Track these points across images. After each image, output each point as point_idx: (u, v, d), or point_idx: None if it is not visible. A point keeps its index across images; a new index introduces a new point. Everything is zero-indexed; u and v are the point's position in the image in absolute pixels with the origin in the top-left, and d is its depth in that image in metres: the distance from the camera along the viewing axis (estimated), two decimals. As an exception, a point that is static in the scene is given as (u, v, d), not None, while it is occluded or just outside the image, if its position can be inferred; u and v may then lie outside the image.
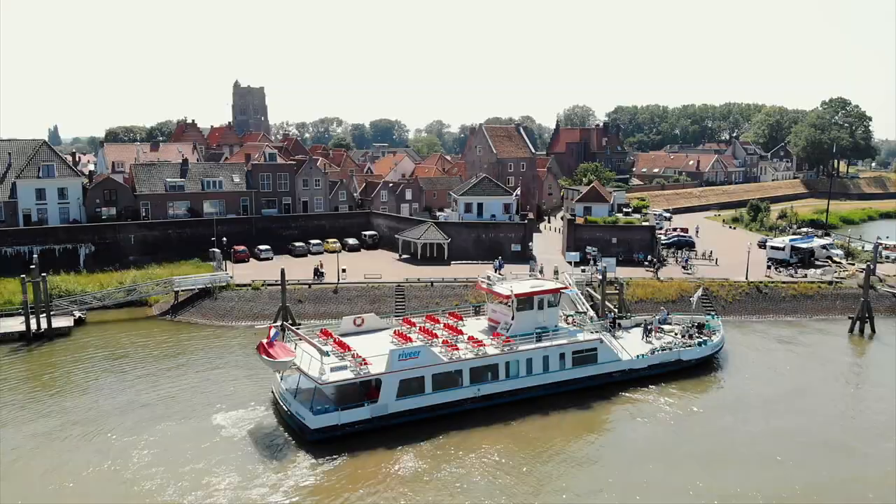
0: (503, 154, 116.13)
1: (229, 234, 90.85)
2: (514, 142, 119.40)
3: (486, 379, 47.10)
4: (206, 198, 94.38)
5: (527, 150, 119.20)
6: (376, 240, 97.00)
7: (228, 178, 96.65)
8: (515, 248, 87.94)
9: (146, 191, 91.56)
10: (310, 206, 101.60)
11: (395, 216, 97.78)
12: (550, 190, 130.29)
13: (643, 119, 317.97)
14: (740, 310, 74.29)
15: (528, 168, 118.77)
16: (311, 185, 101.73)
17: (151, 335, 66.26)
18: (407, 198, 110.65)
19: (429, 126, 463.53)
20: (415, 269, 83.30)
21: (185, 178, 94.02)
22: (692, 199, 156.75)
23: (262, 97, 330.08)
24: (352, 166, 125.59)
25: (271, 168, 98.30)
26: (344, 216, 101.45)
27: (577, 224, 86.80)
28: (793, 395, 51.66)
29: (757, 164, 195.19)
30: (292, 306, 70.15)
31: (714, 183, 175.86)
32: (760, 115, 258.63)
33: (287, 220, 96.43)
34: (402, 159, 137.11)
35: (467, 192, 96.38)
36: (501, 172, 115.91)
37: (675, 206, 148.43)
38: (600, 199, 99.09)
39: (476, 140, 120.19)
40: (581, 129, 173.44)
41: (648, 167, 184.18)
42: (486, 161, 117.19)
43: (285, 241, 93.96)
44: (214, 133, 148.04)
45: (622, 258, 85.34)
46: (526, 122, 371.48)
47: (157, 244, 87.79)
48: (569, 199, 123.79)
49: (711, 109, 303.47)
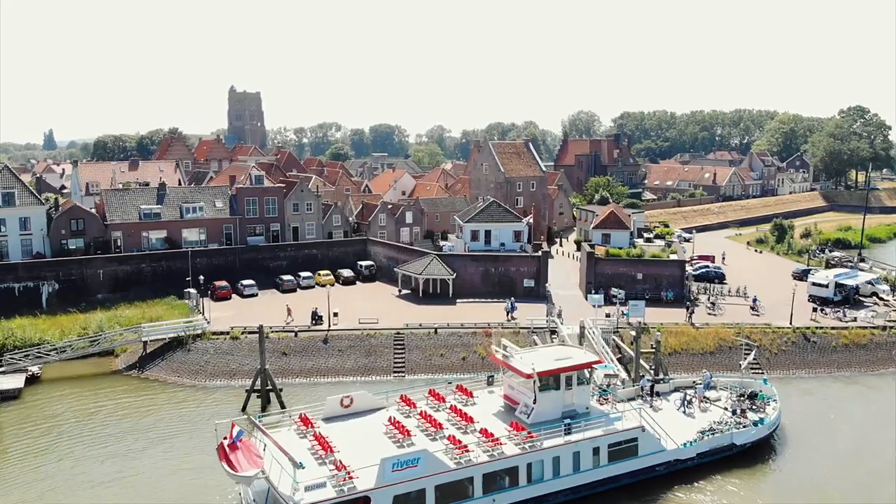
0: (512, 173, 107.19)
1: (210, 267, 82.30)
2: (522, 159, 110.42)
3: (502, 486, 38.05)
4: (186, 226, 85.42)
5: (537, 168, 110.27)
6: (373, 271, 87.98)
7: (210, 204, 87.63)
8: (528, 283, 78.90)
9: (118, 219, 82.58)
10: (301, 232, 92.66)
11: (394, 245, 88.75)
12: (561, 209, 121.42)
13: (650, 125, 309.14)
14: (787, 362, 65.27)
15: (539, 188, 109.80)
16: (303, 210, 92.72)
17: (112, 397, 57.30)
18: (407, 221, 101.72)
19: (430, 131, 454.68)
20: (416, 309, 74.25)
21: (161, 205, 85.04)
22: (710, 217, 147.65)
23: (259, 102, 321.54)
24: (348, 185, 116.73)
25: (258, 192, 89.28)
26: (338, 244, 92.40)
27: (597, 258, 77.74)
28: (878, 482, 42.81)
29: (774, 177, 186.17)
30: (276, 361, 61.29)
31: (731, 197, 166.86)
32: (774, 122, 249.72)
33: (275, 250, 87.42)
34: (402, 176, 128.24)
35: (474, 218, 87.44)
36: (509, 193, 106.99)
37: (692, 225, 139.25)
38: (620, 225, 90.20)
39: (482, 157, 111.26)
40: (591, 141, 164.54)
41: (661, 179, 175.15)
42: (492, 180, 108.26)
43: (273, 274, 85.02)
44: (202, 146, 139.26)
45: (649, 296, 76.36)
46: (529, 128, 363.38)
47: (128, 280, 78.92)
48: (582, 221, 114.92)
49: (721, 116, 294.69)
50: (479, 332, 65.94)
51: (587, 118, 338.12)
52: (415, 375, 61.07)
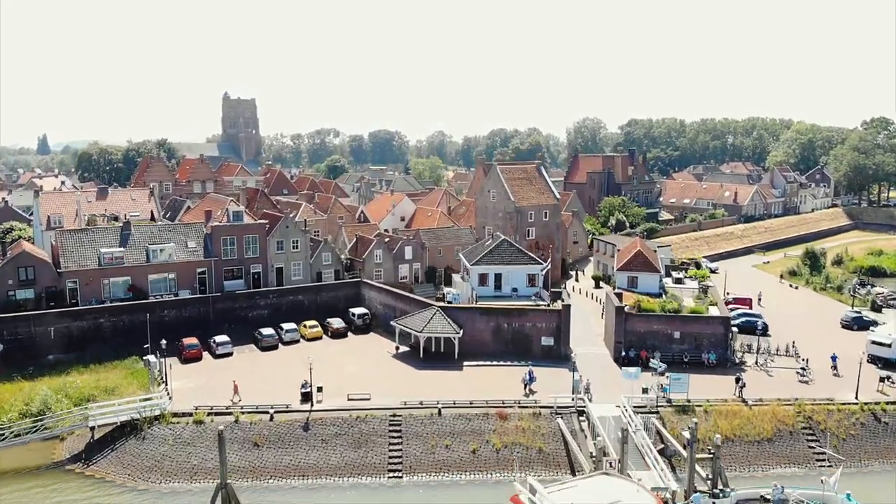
0: (522, 201, 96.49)
1: (179, 319, 71.91)
2: (534, 185, 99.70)
3: None
4: (153, 271, 74.73)
5: (549, 195, 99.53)
6: (368, 321, 77.31)
7: (182, 245, 76.93)
8: (547, 342, 68.14)
9: (74, 266, 71.87)
10: (286, 273, 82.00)
11: (391, 290, 77.89)
12: (576, 237, 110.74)
13: (659, 134, 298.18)
14: (857, 450, 54.71)
15: (552, 217, 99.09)
16: (288, 248, 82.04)
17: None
18: (406, 257, 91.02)
19: (430, 137, 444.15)
20: (416, 376, 63.54)
21: (125, 247, 74.32)
22: (734, 241, 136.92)
23: (254, 109, 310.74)
24: (341, 212, 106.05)
25: (236, 230, 78.57)
26: (328, 287, 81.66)
27: (627, 313, 66.96)
28: None
29: (797, 193, 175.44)
30: (246, 455, 50.71)
31: (753, 217, 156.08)
32: (791, 132, 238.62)
33: (255, 298, 76.68)
34: (401, 200, 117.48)
35: (482, 259, 76.75)
36: (520, 223, 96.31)
37: (716, 251, 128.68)
38: (648, 266, 79.53)
39: (489, 183, 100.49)
40: (603, 157, 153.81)
41: (678, 197, 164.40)
42: (501, 209, 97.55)
43: (253, 325, 74.40)
44: (184, 167, 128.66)
45: (688, 359, 65.81)
46: (533, 135, 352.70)
47: (84, 337, 68.35)
48: (600, 252, 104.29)
49: (733, 124, 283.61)
50: (491, 414, 55.22)
51: (593, 125, 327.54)
52: (414, 476, 50.34)
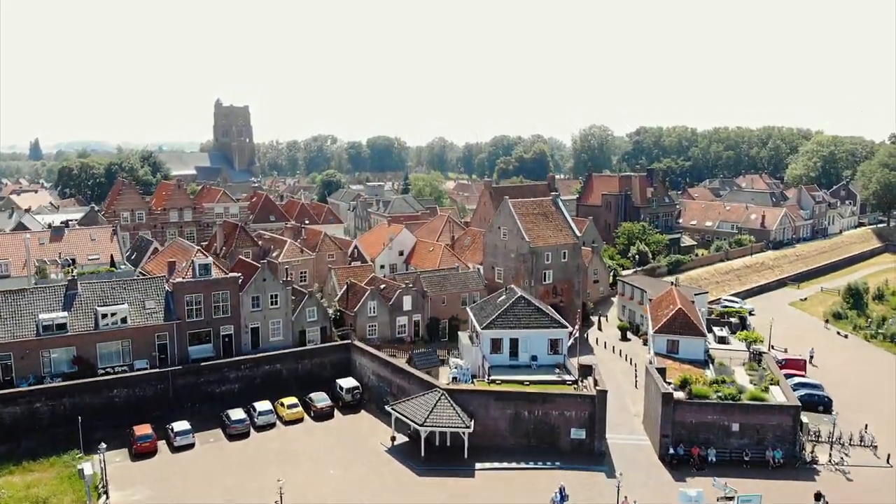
0: (538, 241, 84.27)
1: (132, 399, 60.09)
2: (551, 222, 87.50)
3: None
4: (103, 339, 62.56)
5: (568, 233, 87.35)
6: (359, 396, 65.15)
7: (138, 305, 64.74)
8: (577, 434, 55.94)
9: (6, 336, 59.68)
10: (263, 334, 69.85)
11: (386, 360, 65.40)
12: (596, 275, 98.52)
13: (670, 143, 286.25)
14: None
15: (571, 257, 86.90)
16: (265, 305, 69.85)
17: None
18: (405, 308, 78.93)
19: (430, 143, 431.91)
20: (414, 486, 51.29)
21: (69, 311, 62.18)
22: (765, 273, 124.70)
23: (247, 117, 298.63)
24: (331, 249, 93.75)
25: (202, 287, 66.35)
26: (312, 353, 69.29)
27: (675, 401, 54.75)
28: None
29: (825, 213, 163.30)
30: None
31: (781, 242, 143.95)
32: (810, 144, 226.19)
33: (223, 370, 64.35)
34: (400, 232, 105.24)
35: (496, 321, 64.61)
36: (535, 266, 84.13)
37: (748, 287, 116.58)
38: (691, 329, 67.33)
39: (500, 219, 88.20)
40: (620, 178, 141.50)
41: (699, 219, 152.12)
42: (513, 249, 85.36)
43: (221, 403, 62.30)
44: (161, 192, 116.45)
45: (748, 457, 53.74)
46: (537, 143, 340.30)
47: (17, 426, 56.54)
48: (625, 297, 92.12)
49: (747, 134, 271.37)
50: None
51: (600, 133, 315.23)
52: None
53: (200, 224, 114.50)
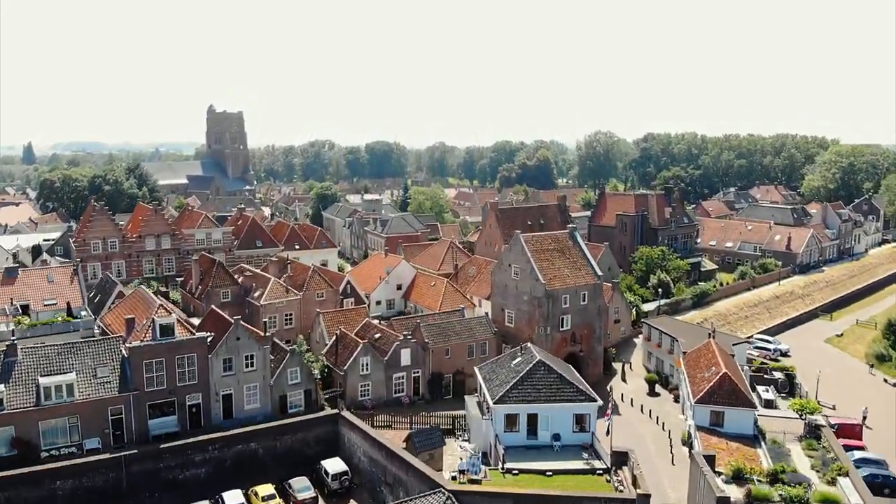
0: (555, 282, 74.27)
1: (79, 493, 50.18)
2: (568, 259, 77.49)
3: None
4: (47, 416, 52.62)
5: (588, 271, 77.35)
6: (347, 483, 55.16)
7: (88, 374, 54.80)
8: (611, 546, 45.99)
9: (-79, 417, 49.82)
10: (237, 402, 59.92)
11: (381, 443, 55.14)
12: (617, 313, 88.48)
13: (679, 150, 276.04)
14: None
15: (592, 299, 76.93)
16: (239, 367, 59.90)
17: None
18: (403, 363, 68.94)
19: (430, 148, 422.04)
20: None
21: (6, 384, 52.16)
22: (795, 303, 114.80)
23: (241, 123, 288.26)
24: (321, 287, 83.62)
25: (164, 350, 56.39)
26: (293, 428, 59.00)
27: None
28: None
29: (851, 232, 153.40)
30: None
31: (808, 265, 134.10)
32: (828, 154, 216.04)
33: (187, 452, 54.27)
34: (398, 264, 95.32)
35: (510, 393, 54.72)
36: (551, 311, 74.13)
37: (778, 321, 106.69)
38: (737, 398, 57.49)
39: (510, 256, 78.06)
40: (636, 196, 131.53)
41: (718, 240, 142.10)
42: (526, 291, 75.35)
43: (185, 492, 52.37)
44: (137, 217, 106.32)
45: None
46: (541, 150, 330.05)
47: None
48: (651, 342, 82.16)
49: (760, 142, 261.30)
50: None
51: (606, 140, 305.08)
52: None
53: (180, 252, 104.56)
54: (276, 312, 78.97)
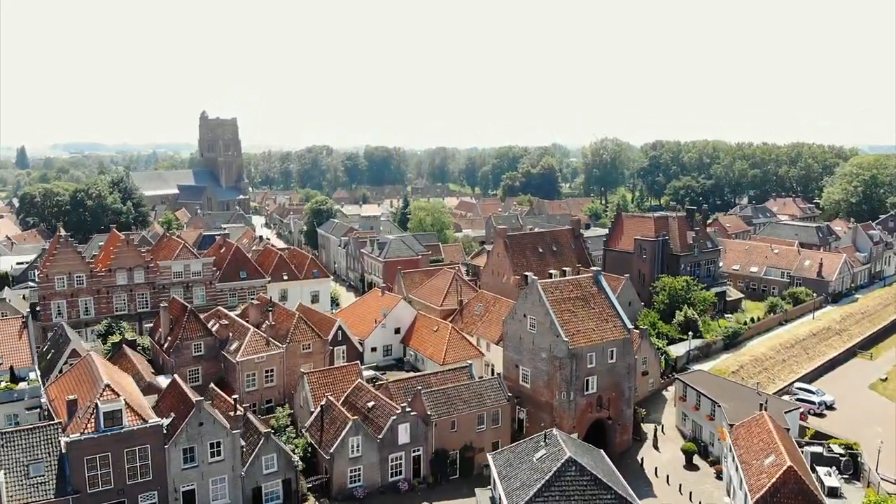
0: (579, 338, 63.86)
1: None
2: (593, 309, 67.10)
3: None
4: (-47, 534, 42.43)
5: (617, 324, 66.98)
6: None
7: (19, 474, 44.55)
8: None
9: None
10: (200, 499, 49.75)
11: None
12: (645, 364, 78.20)
13: (690, 159, 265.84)
14: None
15: (621, 356, 66.58)
16: (203, 458, 49.67)
17: None
18: (400, 441, 58.55)
19: (431, 154, 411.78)
20: None
21: None
22: (832, 339, 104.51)
23: (235, 130, 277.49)
24: (307, 337, 73.17)
25: (111, 443, 46.13)
26: (270, 530, 49.13)
27: None
28: None
29: (882, 255, 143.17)
30: None
31: (840, 294, 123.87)
32: (849, 166, 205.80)
33: (135, 577, 44.22)
34: (397, 303, 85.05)
35: (537, 498, 44.42)
36: (575, 372, 63.78)
37: (817, 363, 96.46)
38: (804, 499, 47.13)
39: (525, 305, 67.55)
40: (655, 219, 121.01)
41: (742, 264, 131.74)
42: (544, 347, 64.96)
43: None
44: (108, 248, 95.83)
45: None
46: (545, 157, 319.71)
47: None
48: (686, 402, 71.86)
49: (775, 151, 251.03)
50: None
51: (614, 147, 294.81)
52: None
53: (155, 286, 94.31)
54: (256, 369, 68.68)
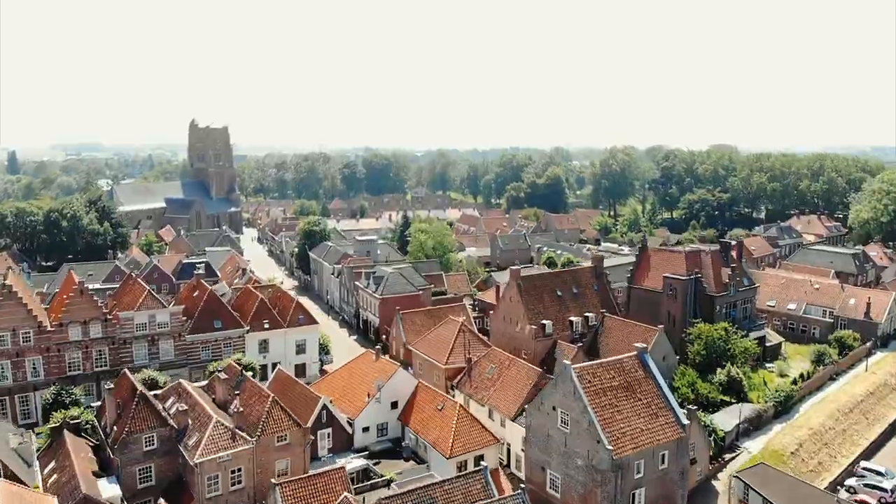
0: (626, 445, 50.77)
1: None
2: (640, 401, 54.13)
3: None
4: None
5: (670, 417, 53.96)
6: None
7: None
8: None
9: None
10: None
11: None
12: (693, 451, 65.04)
13: (705, 171, 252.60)
14: None
15: (674, 460, 53.57)
16: None
17: None
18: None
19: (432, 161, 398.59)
20: None
21: None
22: (890, 398, 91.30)
23: (226, 139, 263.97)
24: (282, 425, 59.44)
25: None
26: None
27: None
28: None
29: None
30: None
31: (888, 336, 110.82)
32: (878, 182, 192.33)
33: None
34: (394, 373, 71.78)
35: None
36: (621, 488, 50.60)
37: (878, 430, 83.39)
38: None
39: (556, 396, 54.30)
40: (687, 254, 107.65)
41: (778, 300, 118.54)
42: (580, 453, 51.80)
43: None
44: (61, 296, 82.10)
45: None
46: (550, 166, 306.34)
47: None
48: (737, 495, 58.57)
49: (795, 162, 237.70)
50: None
51: (624, 157, 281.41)
52: None
53: (115, 342, 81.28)
54: (219, 470, 55.53)
